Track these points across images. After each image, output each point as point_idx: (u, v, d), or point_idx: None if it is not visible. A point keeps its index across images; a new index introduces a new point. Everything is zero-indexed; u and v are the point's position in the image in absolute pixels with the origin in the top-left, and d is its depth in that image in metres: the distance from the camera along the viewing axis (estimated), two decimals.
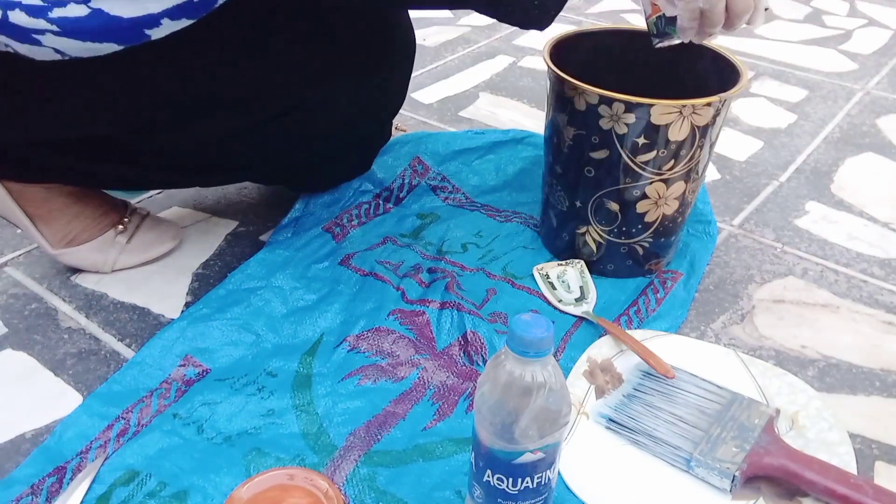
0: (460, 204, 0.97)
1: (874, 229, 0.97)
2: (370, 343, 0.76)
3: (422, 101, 1.27)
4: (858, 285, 0.87)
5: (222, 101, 0.73)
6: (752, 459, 0.62)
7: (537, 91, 1.32)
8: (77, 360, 0.75)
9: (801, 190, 1.05)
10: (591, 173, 0.78)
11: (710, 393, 0.68)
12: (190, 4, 0.60)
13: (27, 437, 0.68)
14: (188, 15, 0.61)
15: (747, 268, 0.90)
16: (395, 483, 0.62)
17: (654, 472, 0.64)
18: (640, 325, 0.79)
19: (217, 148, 0.79)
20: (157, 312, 0.82)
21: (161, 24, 0.61)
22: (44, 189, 0.81)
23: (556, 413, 0.51)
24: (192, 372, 0.72)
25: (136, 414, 0.68)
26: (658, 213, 0.79)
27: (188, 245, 0.92)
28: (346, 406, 0.69)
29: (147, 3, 0.59)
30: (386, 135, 0.99)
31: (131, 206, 0.90)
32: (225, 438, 0.66)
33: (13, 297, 0.84)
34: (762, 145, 1.16)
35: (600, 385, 0.70)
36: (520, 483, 0.52)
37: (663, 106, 0.71)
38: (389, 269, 0.85)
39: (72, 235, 0.84)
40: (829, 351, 0.78)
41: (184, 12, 0.61)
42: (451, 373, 0.72)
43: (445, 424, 0.68)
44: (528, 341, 0.49)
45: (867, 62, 1.45)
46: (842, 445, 0.65)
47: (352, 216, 0.93)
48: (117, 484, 0.62)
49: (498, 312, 0.79)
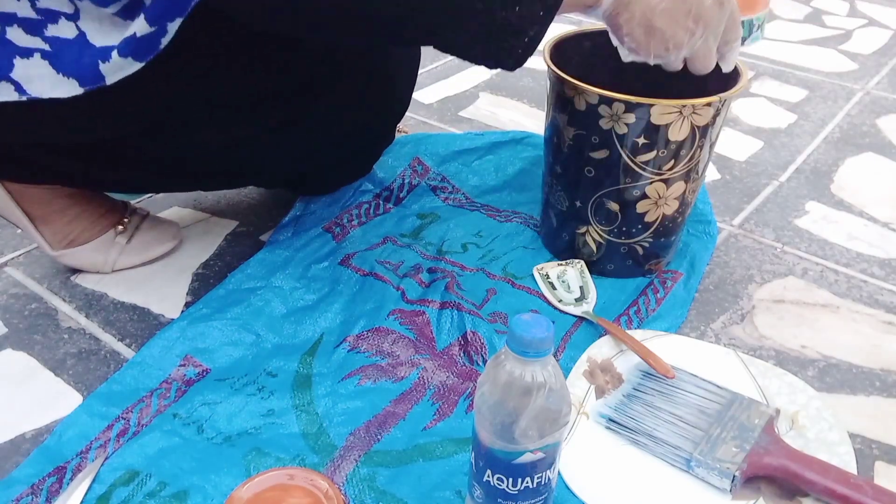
0: (460, 204, 0.97)
1: (874, 229, 0.97)
2: (370, 343, 0.76)
3: (422, 101, 1.27)
4: (858, 285, 0.87)
5: (224, 108, 0.73)
6: (752, 459, 0.62)
7: (537, 91, 1.32)
8: (77, 360, 0.75)
9: (801, 190, 1.05)
10: (591, 173, 0.78)
11: (710, 393, 0.68)
12: (141, 40, 0.60)
13: (27, 437, 0.68)
14: (136, 57, 0.60)
15: (747, 268, 0.90)
16: (395, 483, 0.62)
17: (654, 472, 0.64)
18: (640, 325, 0.79)
19: (219, 155, 0.79)
20: (157, 312, 0.82)
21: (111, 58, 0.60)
22: (44, 190, 0.81)
23: (556, 413, 0.51)
24: (192, 372, 0.72)
25: (136, 414, 0.68)
26: (658, 213, 0.79)
27: (188, 245, 0.92)
28: (346, 406, 0.69)
29: (124, 31, 0.59)
30: (389, 139, 0.98)
31: (131, 206, 0.90)
32: (225, 438, 0.66)
33: (13, 297, 0.84)
34: (762, 145, 1.16)
35: (600, 385, 0.70)
36: (520, 483, 0.52)
37: (663, 106, 0.71)
38: (389, 269, 0.85)
39: (72, 236, 0.84)
40: (829, 351, 0.78)
41: (132, 51, 0.60)
42: (451, 373, 0.72)
43: (445, 424, 0.68)
44: (528, 341, 0.49)
45: (867, 62, 1.45)
46: (842, 445, 0.65)
47: (352, 216, 0.93)
48: (117, 484, 0.62)
49: (498, 312, 0.79)
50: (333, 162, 0.89)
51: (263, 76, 0.72)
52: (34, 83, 0.61)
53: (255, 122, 0.75)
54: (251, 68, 0.70)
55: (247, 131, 0.76)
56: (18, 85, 0.61)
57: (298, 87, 0.74)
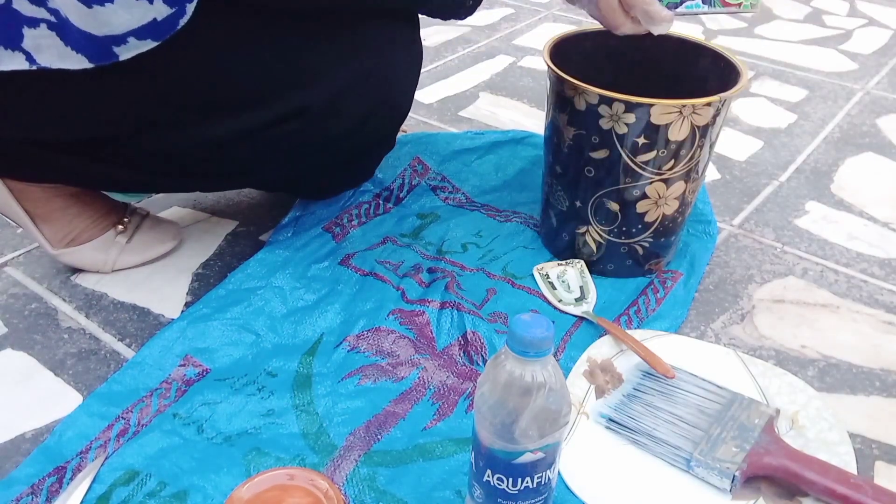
0: (460, 204, 0.97)
1: (874, 229, 0.97)
2: (370, 343, 0.76)
3: (422, 101, 1.27)
4: (858, 285, 0.87)
5: (222, 106, 0.73)
6: (752, 459, 0.62)
7: (537, 91, 1.32)
8: (77, 360, 0.75)
9: (801, 190, 1.05)
10: (591, 173, 0.78)
11: (710, 393, 0.68)
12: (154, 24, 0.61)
13: (27, 437, 0.68)
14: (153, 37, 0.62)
15: (747, 268, 0.90)
16: (395, 483, 0.62)
17: (654, 472, 0.64)
18: (640, 325, 0.79)
19: (219, 154, 0.79)
20: (157, 312, 0.82)
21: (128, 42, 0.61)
22: (45, 189, 0.81)
23: (556, 413, 0.51)
24: (192, 372, 0.72)
25: (136, 414, 0.68)
26: (658, 212, 0.79)
27: (188, 245, 0.92)
28: (346, 406, 0.69)
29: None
30: (390, 143, 0.97)
31: (131, 206, 0.90)
32: (225, 438, 0.66)
33: (13, 297, 0.84)
34: (762, 145, 1.16)
35: (600, 385, 0.70)
36: (520, 483, 0.52)
37: (663, 106, 0.71)
38: (389, 268, 0.85)
39: (72, 235, 0.84)
40: (829, 351, 0.78)
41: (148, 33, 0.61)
42: (451, 373, 0.72)
43: (445, 424, 0.68)
44: (528, 341, 0.49)
45: (867, 62, 1.45)
46: (842, 445, 0.65)
47: (352, 216, 0.93)
48: (117, 484, 0.62)
49: (498, 312, 0.79)
50: (333, 164, 0.89)
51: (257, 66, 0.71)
52: (43, 53, 0.62)
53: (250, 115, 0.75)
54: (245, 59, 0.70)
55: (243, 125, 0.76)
56: (29, 55, 0.62)
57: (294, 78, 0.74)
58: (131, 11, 0.59)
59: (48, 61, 0.62)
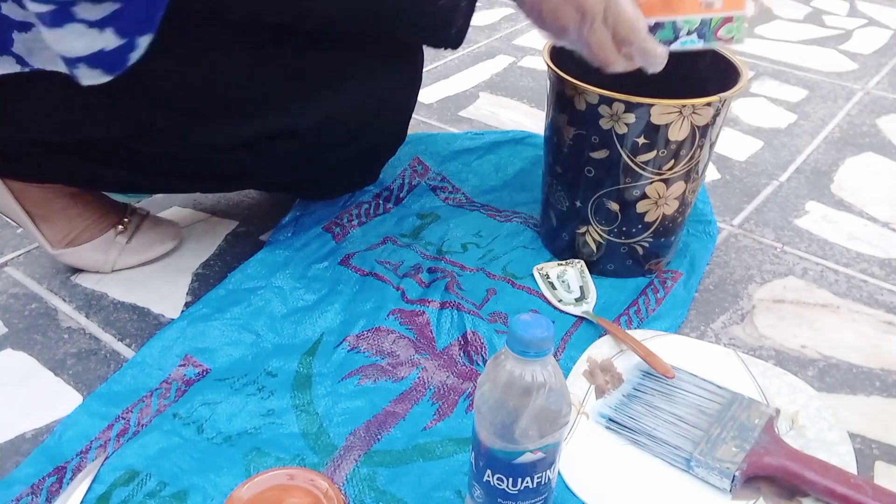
0: (460, 204, 0.97)
1: (874, 229, 0.97)
2: (370, 343, 0.76)
3: (422, 101, 1.27)
4: (858, 285, 0.87)
5: (223, 106, 0.73)
6: (752, 459, 0.62)
7: (537, 91, 1.32)
8: (77, 360, 0.75)
9: (801, 190, 1.05)
10: (591, 173, 0.78)
11: (710, 393, 0.68)
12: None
13: (27, 437, 0.68)
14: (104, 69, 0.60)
15: (747, 268, 0.90)
16: (395, 483, 0.62)
17: (654, 472, 0.64)
18: (640, 325, 0.79)
19: (218, 158, 0.79)
20: (157, 312, 0.82)
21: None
22: (46, 189, 0.81)
23: (556, 413, 0.51)
24: (192, 372, 0.72)
25: (136, 414, 0.68)
26: (658, 212, 0.79)
27: (188, 245, 0.92)
28: (346, 406, 0.69)
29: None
30: (394, 146, 0.96)
31: (131, 206, 0.90)
32: (225, 438, 0.66)
33: (13, 297, 0.84)
34: (762, 145, 1.16)
35: (600, 385, 0.70)
36: (520, 483, 0.52)
37: (663, 106, 0.71)
38: (389, 268, 0.85)
39: (72, 235, 0.84)
40: (829, 351, 0.78)
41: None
42: (451, 373, 0.72)
43: (445, 424, 0.68)
44: (528, 341, 0.49)
45: (867, 62, 1.45)
46: (842, 445, 0.65)
47: (352, 216, 0.93)
48: (117, 484, 0.62)
49: (498, 312, 0.79)
50: (336, 167, 0.88)
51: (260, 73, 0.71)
52: (35, 55, 0.62)
53: (252, 121, 0.75)
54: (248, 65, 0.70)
55: (245, 131, 0.76)
56: (20, 58, 0.62)
57: (296, 86, 0.74)
58: (81, 38, 0.57)
59: (41, 63, 0.62)
